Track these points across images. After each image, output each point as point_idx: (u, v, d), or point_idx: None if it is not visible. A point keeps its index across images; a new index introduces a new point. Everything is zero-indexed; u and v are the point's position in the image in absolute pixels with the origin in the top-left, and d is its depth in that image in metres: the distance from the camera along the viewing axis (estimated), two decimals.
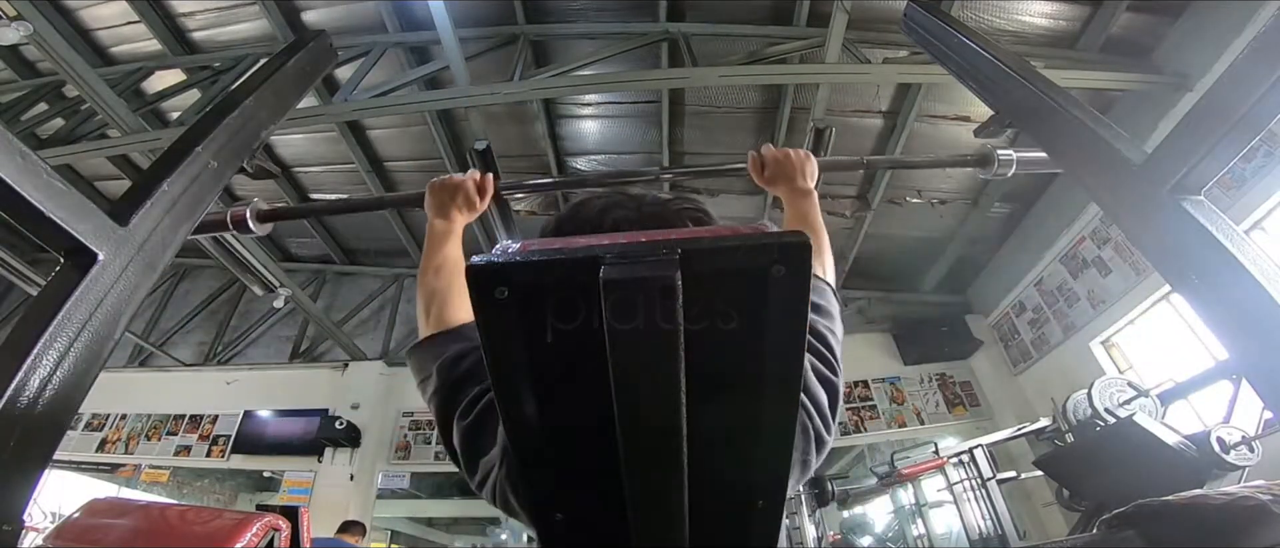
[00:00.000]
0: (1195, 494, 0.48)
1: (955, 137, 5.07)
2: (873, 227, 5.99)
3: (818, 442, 0.67)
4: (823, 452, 0.68)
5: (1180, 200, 0.66)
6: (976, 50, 1.03)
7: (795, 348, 0.41)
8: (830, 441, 0.69)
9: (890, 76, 4.32)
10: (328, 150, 5.93)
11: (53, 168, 0.56)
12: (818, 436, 0.67)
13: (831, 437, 0.69)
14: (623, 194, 0.72)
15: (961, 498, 4.07)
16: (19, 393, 0.50)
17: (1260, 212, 3.85)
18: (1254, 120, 0.60)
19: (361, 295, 7.52)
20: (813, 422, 0.66)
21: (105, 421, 6.62)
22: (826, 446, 0.68)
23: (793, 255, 0.37)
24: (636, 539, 0.45)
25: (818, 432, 0.67)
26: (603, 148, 5.78)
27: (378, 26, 4.75)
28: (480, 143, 1.23)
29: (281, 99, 1.03)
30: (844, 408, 2.35)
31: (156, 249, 0.67)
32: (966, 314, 6.58)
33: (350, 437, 5.98)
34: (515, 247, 0.40)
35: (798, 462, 0.64)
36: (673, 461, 0.40)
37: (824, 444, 0.68)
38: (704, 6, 4.54)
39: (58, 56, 3.65)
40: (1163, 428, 2.53)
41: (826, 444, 0.68)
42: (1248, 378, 0.70)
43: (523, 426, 0.44)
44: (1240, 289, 0.60)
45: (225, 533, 1.37)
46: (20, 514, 0.49)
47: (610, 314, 0.35)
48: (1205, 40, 3.88)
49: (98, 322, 0.58)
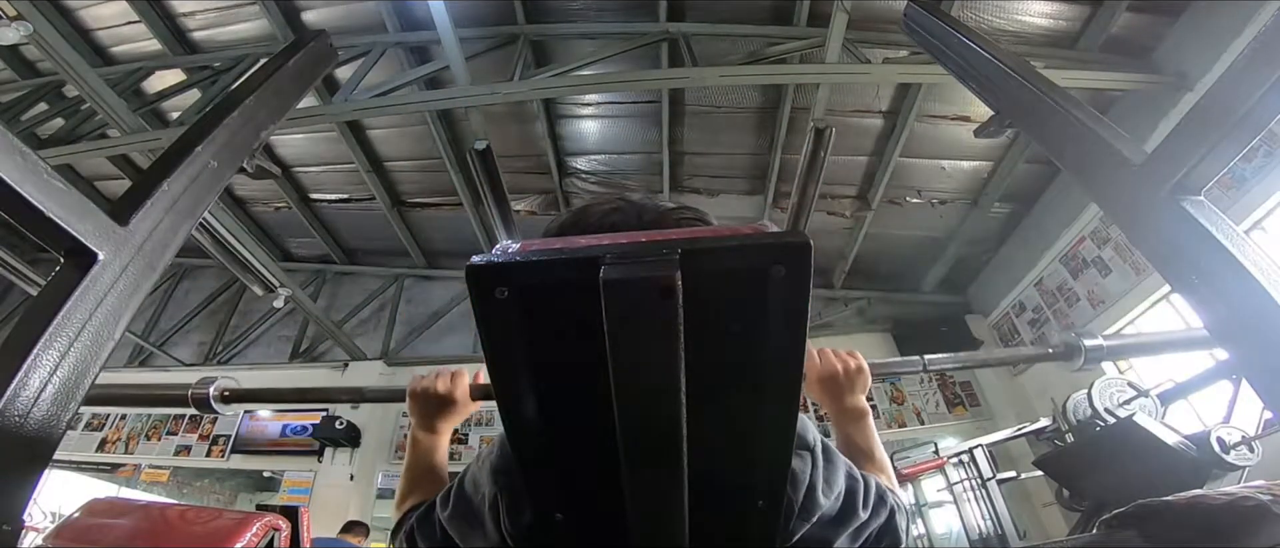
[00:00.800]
0: (1195, 494, 0.48)
1: (955, 136, 5.08)
2: (873, 226, 5.99)
3: (807, 498, 0.61)
4: (810, 515, 0.61)
5: (1180, 200, 0.66)
6: (976, 50, 1.03)
7: (795, 348, 0.41)
8: (824, 505, 0.62)
9: (890, 76, 4.33)
10: (328, 150, 5.93)
11: (53, 168, 0.56)
12: (810, 491, 0.61)
13: (826, 505, 0.62)
14: (624, 200, 0.72)
15: (961, 498, 4.07)
16: (19, 393, 0.50)
17: (1260, 212, 3.85)
18: (1254, 120, 0.60)
19: (361, 295, 7.53)
20: (809, 474, 0.62)
21: (105, 420, 6.63)
22: (817, 510, 0.61)
23: (793, 255, 0.37)
24: (636, 539, 0.45)
25: (812, 483, 0.61)
26: (603, 148, 5.78)
27: (378, 26, 4.75)
28: (480, 143, 1.23)
29: (281, 99, 1.02)
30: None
31: (156, 249, 0.67)
32: (966, 314, 6.59)
33: (350, 437, 5.99)
34: (515, 247, 0.40)
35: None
36: (672, 461, 0.40)
37: (814, 507, 0.61)
38: (704, 6, 4.54)
39: (58, 56, 3.65)
40: (1163, 428, 2.52)
41: (817, 508, 0.61)
42: (1248, 378, 0.70)
43: (523, 425, 0.44)
44: (1240, 289, 0.60)
45: (225, 533, 1.37)
46: (20, 514, 0.49)
47: (610, 314, 0.35)
48: (1205, 40, 3.88)
49: (98, 322, 0.58)
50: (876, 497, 0.70)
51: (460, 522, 0.68)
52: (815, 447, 0.66)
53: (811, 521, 0.61)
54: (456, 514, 0.69)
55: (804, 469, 0.62)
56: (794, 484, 0.60)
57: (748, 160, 5.70)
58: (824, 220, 5.96)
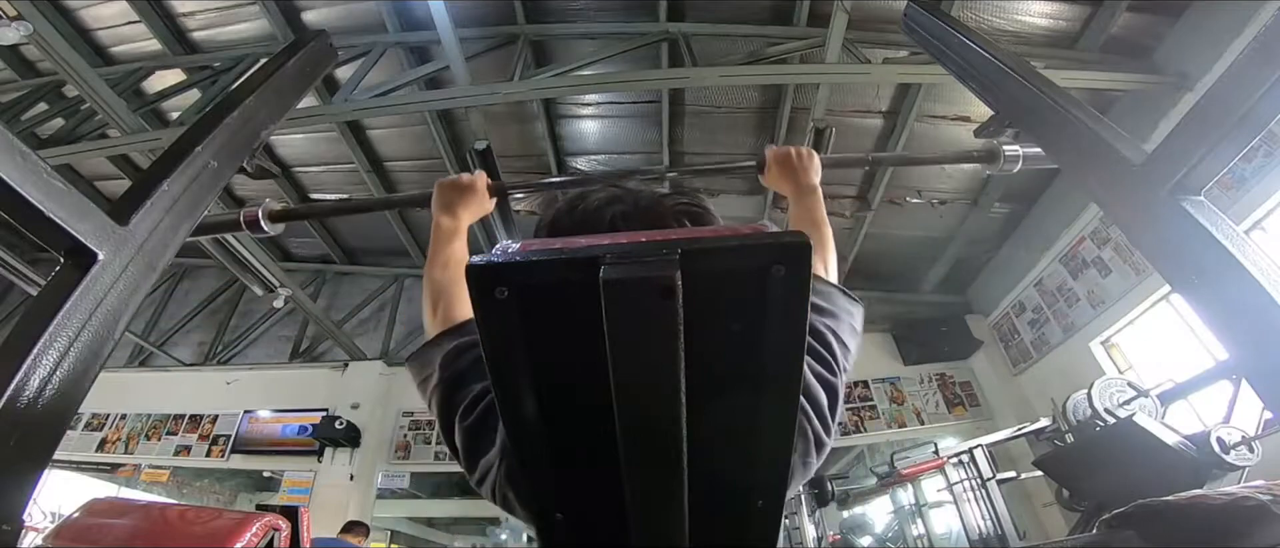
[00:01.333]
0: (1195, 494, 0.49)
1: (955, 136, 5.07)
2: (873, 226, 5.99)
3: (817, 444, 0.66)
4: (822, 453, 0.67)
5: (1180, 200, 0.66)
6: (976, 50, 1.03)
7: (795, 348, 0.41)
8: (830, 442, 0.68)
9: (890, 76, 4.32)
10: (328, 150, 5.93)
11: (53, 168, 0.56)
12: (817, 438, 0.66)
13: (831, 438, 0.68)
14: (619, 189, 0.72)
15: (961, 498, 4.07)
16: (19, 393, 0.50)
17: (1260, 212, 3.85)
18: (1254, 120, 0.60)
19: (361, 295, 7.52)
20: (811, 424, 0.66)
21: (105, 420, 6.62)
22: (826, 447, 0.67)
23: (792, 255, 0.37)
24: (636, 539, 0.45)
25: (817, 434, 0.66)
26: (603, 148, 5.78)
27: (378, 26, 4.75)
28: (480, 143, 1.24)
29: (281, 99, 1.03)
30: (844, 408, 2.37)
31: (156, 249, 0.67)
32: (966, 314, 6.58)
33: (350, 437, 5.98)
34: (515, 247, 0.40)
35: (798, 464, 0.64)
36: (672, 460, 0.40)
37: (823, 446, 0.67)
38: (704, 6, 4.54)
39: (58, 56, 3.65)
40: (1163, 428, 2.53)
41: (826, 446, 0.67)
42: (1248, 378, 0.70)
43: (523, 425, 0.44)
44: (1240, 289, 0.60)
45: (225, 533, 1.36)
46: (20, 514, 0.49)
47: (610, 314, 0.35)
48: (1205, 40, 3.88)
49: (98, 322, 0.58)
50: (831, 332, 0.74)
51: (465, 444, 0.69)
52: (837, 353, 0.71)
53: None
54: (468, 435, 0.69)
55: (836, 377, 0.70)
56: (834, 397, 0.69)
57: None
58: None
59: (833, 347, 0.72)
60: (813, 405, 0.66)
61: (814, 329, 0.73)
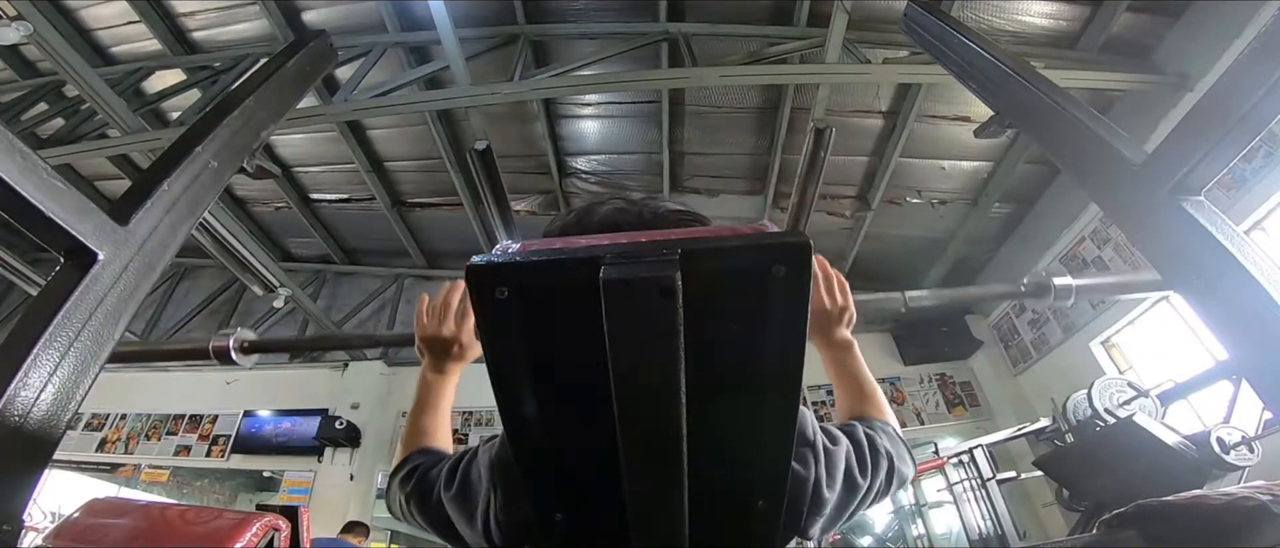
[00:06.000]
0: (1195, 494, 0.49)
1: (955, 136, 5.08)
2: (873, 227, 5.99)
3: (814, 496, 0.62)
4: (820, 510, 0.62)
5: (1180, 201, 0.66)
6: (976, 50, 1.03)
7: (795, 348, 0.41)
8: (830, 498, 0.64)
9: (890, 76, 4.32)
10: (328, 150, 5.93)
11: (53, 168, 0.56)
12: (816, 488, 0.62)
13: (832, 496, 0.64)
14: (627, 199, 0.72)
15: (961, 498, 4.07)
16: (19, 393, 0.50)
17: (1260, 212, 3.85)
18: (1254, 120, 0.60)
19: (361, 295, 7.52)
20: (814, 470, 0.63)
21: (105, 420, 6.62)
22: (825, 504, 0.63)
23: (793, 255, 0.37)
24: (636, 540, 0.45)
25: (817, 479, 0.62)
26: (603, 148, 5.78)
27: (378, 26, 4.75)
28: (480, 143, 1.23)
29: (281, 99, 1.02)
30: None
31: (156, 249, 0.67)
32: (966, 314, 6.58)
33: (350, 437, 5.99)
34: (515, 247, 0.40)
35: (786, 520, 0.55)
36: (673, 461, 0.40)
37: (822, 503, 0.62)
38: (704, 6, 4.54)
39: (58, 56, 3.65)
40: (1163, 428, 2.52)
41: (825, 503, 0.63)
42: (1248, 378, 0.70)
43: (523, 426, 0.44)
44: (1240, 289, 0.60)
45: (225, 533, 1.36)
46: (20, 514, 0.49)
47: (610, 314, 0.35)
48: (1205, 40, 3.89)
49: (98, 322, 0.58)
50: (871, 455, 0.72)
51: (459, 505, 0.69)
52: (816, 441, 0.66)
53: (822, 515, 0.63)
54: (459, 496, 0.69)
55: (807, 470, 0.63)
56: (799, 488, 0.61)
57: (748, 160, 5.70)
58: (824, 221, 5.96)
59: (878, 453, 0.73)
60: (828, 467, 0.65)
61: (872, 443, 0.74)
